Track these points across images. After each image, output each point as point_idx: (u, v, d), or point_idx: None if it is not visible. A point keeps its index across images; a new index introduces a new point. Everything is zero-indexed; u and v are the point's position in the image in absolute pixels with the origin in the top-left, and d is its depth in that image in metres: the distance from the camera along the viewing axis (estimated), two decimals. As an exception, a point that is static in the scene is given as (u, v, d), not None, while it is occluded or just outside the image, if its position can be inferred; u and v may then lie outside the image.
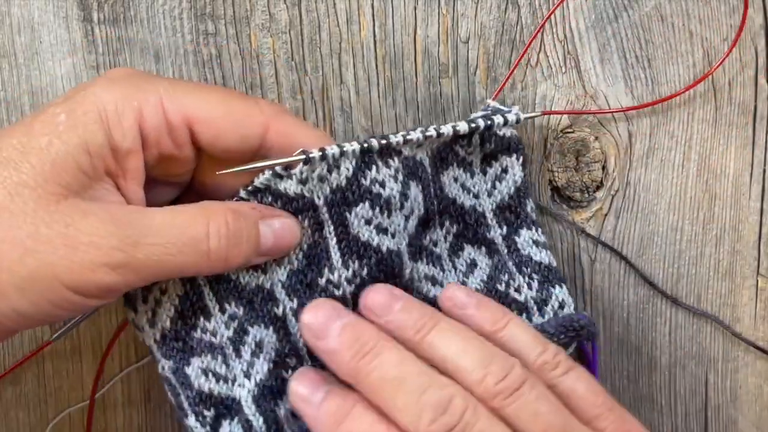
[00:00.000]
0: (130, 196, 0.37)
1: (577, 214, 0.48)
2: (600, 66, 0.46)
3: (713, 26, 0.47)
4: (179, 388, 0.39)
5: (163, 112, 0.37)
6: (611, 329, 0.49)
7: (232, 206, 0.37)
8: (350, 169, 0.39)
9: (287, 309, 0.40)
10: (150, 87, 0.37)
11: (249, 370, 0.40)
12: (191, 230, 0.36)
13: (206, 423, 0.39)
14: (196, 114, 0.37)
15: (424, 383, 0.36)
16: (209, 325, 0.39)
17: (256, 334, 0.40)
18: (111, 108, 0.36)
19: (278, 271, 0.40)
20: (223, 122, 0.37)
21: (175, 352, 0.39)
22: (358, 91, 0.46)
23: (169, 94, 0.37)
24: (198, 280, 0.39)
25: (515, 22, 0.46)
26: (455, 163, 0.44)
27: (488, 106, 0.44)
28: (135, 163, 0.37)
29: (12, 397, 0.46)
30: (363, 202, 0.40)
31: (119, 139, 0.36)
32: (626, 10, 0.46)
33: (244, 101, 0.39)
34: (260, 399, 0.39)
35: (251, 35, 0.45)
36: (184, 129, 0.37)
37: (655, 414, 0.49)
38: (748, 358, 0.49)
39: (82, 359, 0.47)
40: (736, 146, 0.47)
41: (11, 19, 0.44)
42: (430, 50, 0.46)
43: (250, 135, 0.38)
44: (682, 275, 0.48)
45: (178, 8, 0.44)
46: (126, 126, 0.36)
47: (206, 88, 0.39)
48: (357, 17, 0.45)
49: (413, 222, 0.42)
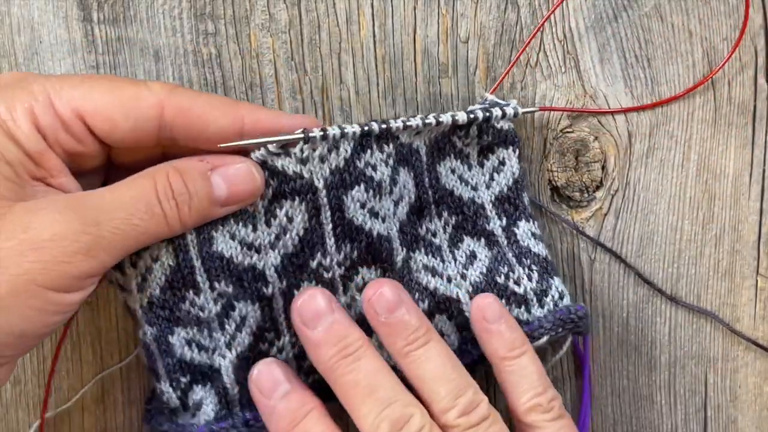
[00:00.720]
0: (67, 189, 0.37)
1: (577, 214, 0.48)
2: (599, 66, 0.46)
3: (713, 26, 0.47)
4: (158, 354, 0.40)
5: (54, 109, 0.36)
6: (611, 329, 0.49)
7: (174, 164, 0.38)
8: (348, 150, 0.40)
9: (276, 289, 0.41)
10: (37, 87, 0.36)
11: (231, 342, 0.40)
12: (142, 197, 0.36)
13: (179, 387, 0.40)
14: (86, 105, 0.37)
15: (391, 397, 0.38)
16: (198, 300, 0.40)
17: (242, 308, 0.40)
18: (5, 116, 0.35)
19: (272, 254, 0.40)
20: (113, 109, 0.37)
21: (160, 320, 0.40)
22: (358, 90, 0.46)
23: (56, 90, 0.37)
24: (191, 253, 0.39)
25: (515, 22, 0.46)
26: (452, 154, 0.44)
27: (486, 100, 0.44)
28: (52, 161, 0.36)
29: (12, 397, 0.46)
30: (359, 184, 0.40)
31: (26, 143, 0.36)
32: (626, 10, 0.46)
33: (132, 85, 0.38)
34: (238, 369, 0.40)
35: (251, 35, 0.45)
36: (78, 123, 0.37)
37: (655, 414, 0.49)
38: (748, 358, 0.49)
39: (82, 359, 0.47)
40: (736, 146, 0.47)
41: (11, 19, 0.44)
42: (430, 50, 0.46)
43: (143, 117, 0.37)
44: (681, 275, 0.48)
45: (177, 8, 0.44)
46: (25, 129, 0.36)
47: (94, 79, 0.38)
48: (357, 17, 0.45)
49: (404, 208, 0.42)
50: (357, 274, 0.42)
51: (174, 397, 0.40)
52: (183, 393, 0.40)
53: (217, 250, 0.39)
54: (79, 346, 0.47)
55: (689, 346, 0.49)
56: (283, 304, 0.41)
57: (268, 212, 0.40)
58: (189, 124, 0.38)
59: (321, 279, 0.41)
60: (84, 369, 0.47)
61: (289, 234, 0.40)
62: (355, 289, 0.42)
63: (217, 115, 0.38)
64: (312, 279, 0.41)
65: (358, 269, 0.42)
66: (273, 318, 0.41)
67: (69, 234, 0.34)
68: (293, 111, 0.46)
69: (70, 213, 0.34)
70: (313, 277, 0.41)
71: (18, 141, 0.35)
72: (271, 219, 0.40)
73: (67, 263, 0.34)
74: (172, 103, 0.38)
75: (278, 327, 0.41)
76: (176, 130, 0.38)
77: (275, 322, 0.41)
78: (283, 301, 0.41)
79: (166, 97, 0.38)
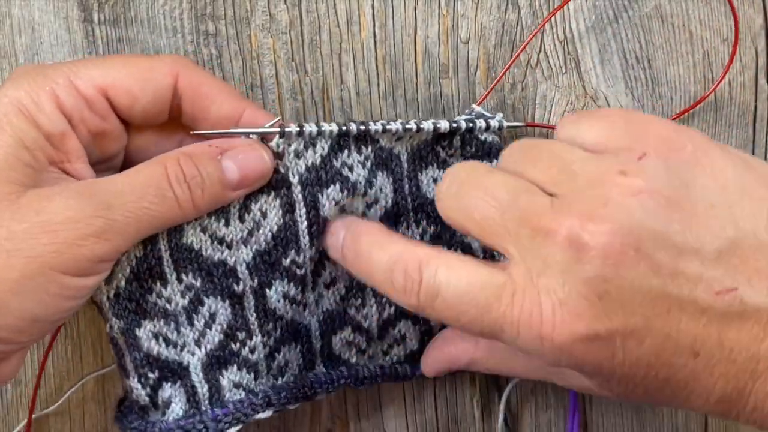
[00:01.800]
0: (83, 175, 0.37)
1: (577, 215, 0.48)
2: (600, 67, 0.46)
3: (713, 27, 0.47)
4: (125, 349, 0.40)
5: (76, 90, 0.37)
6: (611, 329, 0.49)
7: (184, 150, 0.38)
8: (325, 148, 0.40)
9: (247, 287, 0.41)
10: (55, 72, 0.37)
11: (200, 340, 0.40)
12: (154, 181, 0.36)
13: (147, 384, 0.40)
14: (106, 81, 0.38)
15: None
16: (165, 292, 0.40)
17: (211, 305, 0.40)
18: (27, 101, 0.36)
19: (244, 250, 0.40)
20: (133, 80, 0.38)
21: (127, 312, 0.40)
22: (359, 91, 0.46)
23: (74, 72, 0.37)
24: (159, 245, 0.39)
25: (515, 23, 0.46)
26: (435, 164, 0.44)
27: (472, 111, 0.44)
28: (72, 144, 0.37)
29: (12, 397, 0.47)
30: (334, 183, 0.40)
31: (48, 125, 0.36)
32: (626, 10, 0.46)
33: (146, 58, 0.40)
34: (207, 367, 0.40)
35: (251, 36, 0.45)
36: (101, 99, 0.38)
37: (655, 414, 0.49)
38: (748, 359, 0.49)
39: (83, 359, 0.47)
40: (736, 146, 0.47)
41: (12, 19, 0.44)
42: (431, 51, 0.46)
43: (160, 86, 0.38)
44: (682, 275, 0.48)
45: (178, 9, 0.44)
46: (48, 111, 0.36)
47: (108, 58, 0.40)
48: (357, 18, 0.45)
49: (377, 212, 0.42)
50: (325, 269, 0.42)
51: (143, 394, 0.40)
52: (152, 390, 0.40)
53: (187, 242, 0.39)
54: (80, 347, 0.47)
55: (689, 346, 0.49)
56: (254, 303, 0.41)
57: (243, 207, 0.40)
58: (195, 99, 0.39)
59: (294, 276, 0.41)
60: (84, 369, 0.47)
61: (263, 230, 0.40)
62: (323, 285, 0.43)
63: (222, 99, 0.39)
64: (284, 277, 0.41)
65: (325, 264, 0.42)
66: (244, 317, 0.41)
67: (82, 218, 0.34)
68: (294, 112, 0.46)
69: (83, 198, 0.35)
70: (285, 274, 0.41)
71: (39, 125, 0.36)
72: (245, 214, 0.40)
73: (80, 246, 0.34)
74: (185, 74, 0.39)
75: (250, 327, 0.41)
76: (184, 104, 0.39)
77: (246, 321, 0.41)
78: (255, 300, 0.41)
79: (181, 68, 0.39)
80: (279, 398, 0.42)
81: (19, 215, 0.34)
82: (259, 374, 0.42)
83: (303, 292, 0.42)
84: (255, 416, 0.41)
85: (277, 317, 0.42)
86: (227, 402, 0.41)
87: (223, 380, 0.41)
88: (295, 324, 0.43)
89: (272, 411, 0.42)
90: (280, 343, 0.42)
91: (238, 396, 0.41)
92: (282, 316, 0.42)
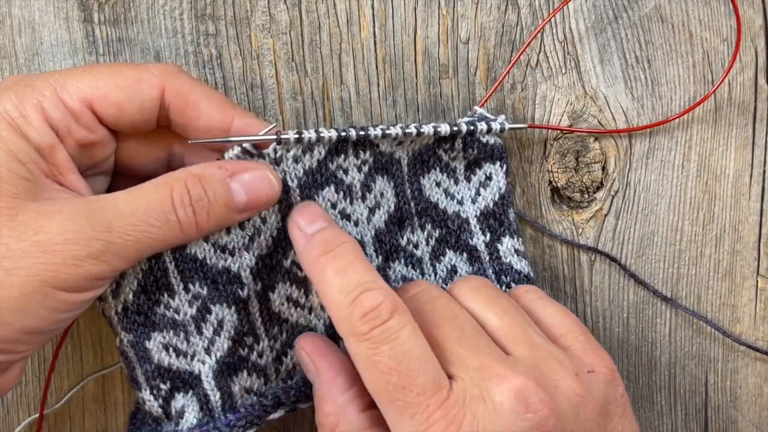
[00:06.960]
0: (75, 187, 0.37)
1: (577, 215, 0.48)
2: (600, 67, 0.46)
3: (713, 27, 0.47)
4: (136, 361, 0.40)
5: (62, 102, 0.37)
6: (611, 329, 0.49)
7: (193, 170, 0.37)
8: (322, 152, 0.40)
9: (251, 291, 0.41)
10: (42, 83, 0.37)
11: (210, 347, 0.40)
12: (157, 204, 0.36)
13: (159, 395, 0.40)
14: (93, 93, 0.37)
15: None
16: (173, 303, 0.40)
17: (218, 312, 0.40)
18: (15, 114, 0.36)
19: (246, 256, 0.40)
20: (119, 92, 0.38)
21: (136, 325, 0.40)
22: (359, 91, 0.46)
23: (61, 84, 0.37)
24: (164, 257, 0.39)
25: (515, 23, 0.46)
26: (438, 167, 0.44)
27: (474, 113, 0.44)
28: (62, 156, 0.37)
29: (12, 397, 0.47)
30: (329, 185, 0.41)
31: (37, 138, 0.36)
32: (626, 10, 0.46)
33: (132, 69, 0.39)
34: (218, 375, 0.40)
35: (252, 36, 0.45)
36: (87, 112, 0.37)
37: (655, 414, 0.50)
38: (748, 359, 0.49)
39: (83, 360, 0.47)
40: (736, 147, 0.47)
41: (12, 20, 0.44)
42: (431, 51, 0.46)
43: (146, 98, 0.38)
44: (682, 275, 0.48)
45: (178, 9, 0.44)
46: (36, 125, 0.36)
47: (96, 68, 0.39)
48: (357, 18, 0.45)
49: (381, 216, 0.42)
50: None
51: (156, 405, 0.40)
52: (165, 401, 0.40)
53: (191, 253, 0.39)
54: (80, 347, 0.47)
55: (689, 346, 0.49)
56: (258, 308, 0.41)
57: None
58: (183, 109, 0.39)
59: (295, 278, 0.41)
60: (85, 369, 0.47)
61: (263, 235, 0.40)
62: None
63: (211, 108, 0.39)
64: (286, 279, 0.41)
65: None
66: (251, 322, 0.41)
67: (80, 239, 0.34)
68: (294, 112, 0.46)
69: (83, 219, 0.34)
70: (287, 276, 0.41)
71: (29, 137, 0.36)
72: (245, 222, 0.40)
73: (78, 266, 0.34)
74: (173, 85, 0.39)
75: (256, 331, 0.41)
76: (171, 113, 0.39)
77: (253, 326, 0.41)
78: (259, 304, 0.41)
79: (167, 78, 0.39)
80: (289, 397, 0.42)
81: (18, 233, 0.34)
82: (268, 378, 0.42)
83: (306, 295, 0.42)
84: (268, 417, 0.41)
85: (282, 320, 0.42)
86: (239, 407, 0.41)
87: (234, 387, 0.41)
88: (300, 327, 0.42)
89: (284, 411, 0.42)
90: (286, 347, 0.42)
91: (250, 401, 0.41)
92: (287, 319, 0.42)
